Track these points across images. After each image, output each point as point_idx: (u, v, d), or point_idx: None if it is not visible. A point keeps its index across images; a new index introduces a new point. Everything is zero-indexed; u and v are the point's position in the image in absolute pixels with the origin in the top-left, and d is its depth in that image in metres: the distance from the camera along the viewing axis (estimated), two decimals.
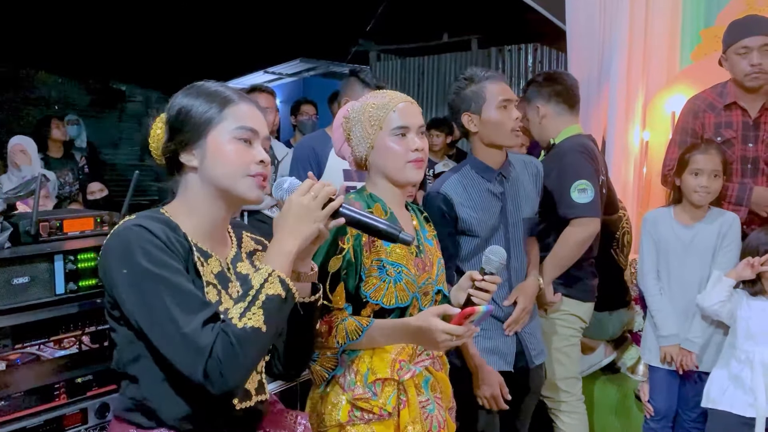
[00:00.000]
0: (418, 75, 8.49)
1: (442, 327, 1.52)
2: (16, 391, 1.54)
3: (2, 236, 1.53)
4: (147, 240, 1.20)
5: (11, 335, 1.48)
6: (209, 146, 1.30)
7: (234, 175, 1.30)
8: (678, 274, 2.71)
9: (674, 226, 2.72)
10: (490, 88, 2.22)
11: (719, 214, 2.71)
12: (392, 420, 1.63)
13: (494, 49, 7.69)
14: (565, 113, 2.70)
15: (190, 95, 1.34)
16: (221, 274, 1.33)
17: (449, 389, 1.81)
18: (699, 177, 2.61)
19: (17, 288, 1.46)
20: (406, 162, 1.68)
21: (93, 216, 1.74)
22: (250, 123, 1.33)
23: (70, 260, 1.55)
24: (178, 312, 1.16)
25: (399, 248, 1.68)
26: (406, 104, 1.71)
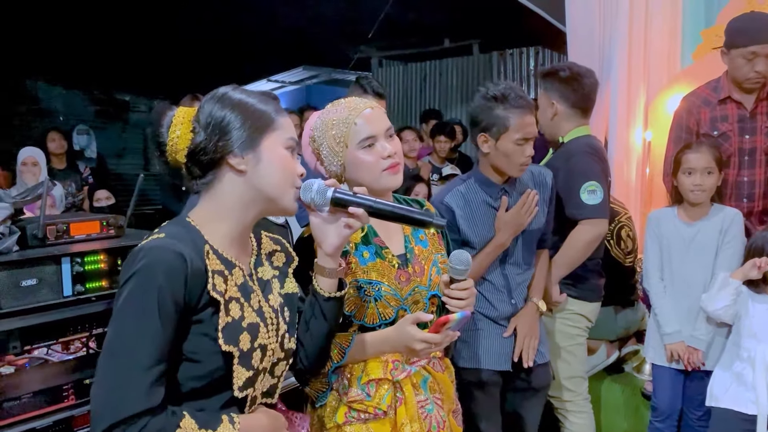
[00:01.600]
0: (420, 80, 8.54)
1: (419, 336, 1.53)
2: (26, 392, 1.56)
3: (10, 240, 1.55)
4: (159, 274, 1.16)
5: (20, 337, 1.49)
6: (264, 152, 1.29)
7: (284, 185, 1.31)
8: (682, 272, 2.70)
9: (677, 225, 2.74)
10: (515, 121, 2.16)
11: (720, 210, 2.71)
12: (388, 418, 1.63)
13: (495, 53, 7.73)
14: (578, 117, 2.67)
15: (238, 100, 1.31)
16: (244, 285, 1.31)
17: (451, 391, 1.80)
18: (692, 176, 2.64)
19: (25, 290, 1.48)
20: (381, 171, 1.64)
21: (99, 219, 1.76)
22: (294, 135, 1.35)
23: (77, 263, 1.57)
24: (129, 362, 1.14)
25: (376, 265, 1.66)
26: (366, 112, 1.65)
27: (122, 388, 1.13)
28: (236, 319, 1.25)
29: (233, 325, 1.24)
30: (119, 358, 1.15)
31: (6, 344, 1.47)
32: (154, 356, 1.14)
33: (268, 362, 1.33)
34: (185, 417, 1.17)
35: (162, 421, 1.15)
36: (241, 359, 1.24)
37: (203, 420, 1.19)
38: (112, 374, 1.14)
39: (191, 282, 1.19)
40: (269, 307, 1.35)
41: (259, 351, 1.28)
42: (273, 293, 1.39)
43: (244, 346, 1.25)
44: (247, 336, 1.26)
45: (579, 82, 2.65)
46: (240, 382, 1.24)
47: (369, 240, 1.69)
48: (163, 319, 1.15)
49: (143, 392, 1.13)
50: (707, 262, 2.66)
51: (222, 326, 1.22)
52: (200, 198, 1.33)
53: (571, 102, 2.64)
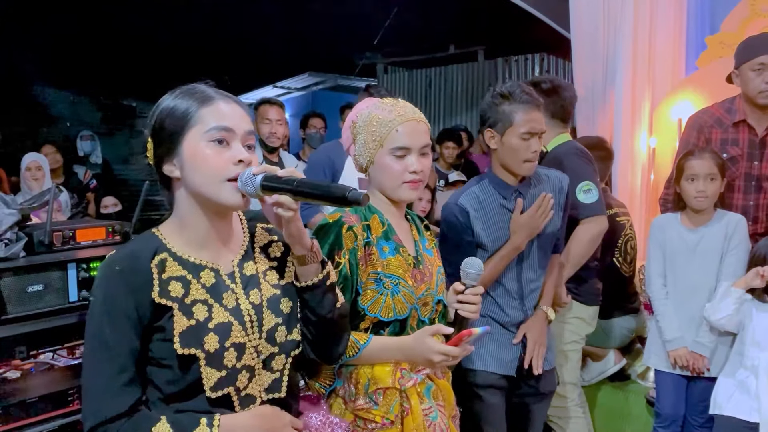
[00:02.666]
0: (425, 86, 8.56)
1: (437, 348, 1.53)
2: (32, 396, 1.57)
3: (17, 246, 1.57)
4: (102, 292, 1.24)
5: (26, 342, 1.50)
6: (185, 153, 1.24)
7: (212, 182, 1.24)
8: (685, 278, 2.68)
9: (680, 231, 2.72)
10: (520, 116, 2.19)
11: (724, 215, 2.70)
12: (395, 428, 1.62)
13: (501, 60, 7.74)
14: (558, 126, 2.78)
15: (164, 101, 1.29)
16: (215, 286, 1.30)
17: (452, 397, 1.80)
18: (695, 182, 2.63)
19: (32, 295, 1.50)
20: (402, 182, 1.66)
21: (105, 226, 1.78)
22: (224, 122, 1.25)
23: (83, 268, 1.59)
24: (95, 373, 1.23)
25: (396, 260, 1.67)
26: (410, 123, 1.67)
27: (93, 396, 1.23)
28: (201, 321, 1.25)
29: (196, 328, 1.25)
30: (88, 369, 1.24)
31: (13, 349, 1.49)
32: (117, 365, 1.22)
33: (252, 360, 1.31)
34: (161, 421, 1.22)
35: (135, 426, 1.22)
36: (208, 360, 1.24)
37: (180, 424, 1.22)
38: (85, 383, 1.24)
39: (135, 294, 1.23)
40: (249, 303, 1.32)
41: (233, 350, 1.27)
42: (260, 288, 1.35)
43: (211, 348, 1.24)
44: (214, 337, 1.25)
45: (559, 94, 2.76)
46: (211, 383, 1.25)
47: (389, 236, 1.71)
48: (115, 331, 1.21)
49: (109, 400, 1.21)
50: (711, 268, 2.64)
51: (180, 330, 1.23)
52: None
53: (551, 112, 2.73)
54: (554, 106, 2.74)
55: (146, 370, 1.26)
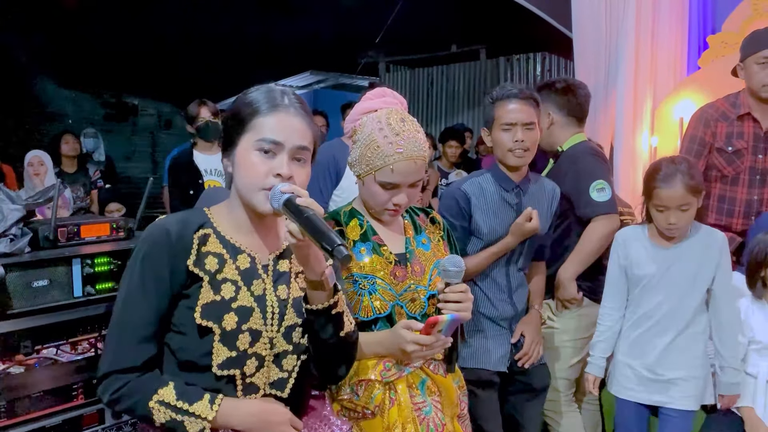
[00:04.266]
0: (427, 85, 8.56)
1: (409, 338, 1.55)
2: (36, 391, 1.58)
3: (22, 241, 1.58)
4: (146, 248, 1.30)
5: (31, 336, 1.51)
6: (237, 154, 1.34)
7: (251, 188, 1.32)
8: (653, 306, 2.30)
9: (649, 249, 2.31)
10: (500, 110, 2.28)
11: (706, 234, 2.31)
12: (379, 418, 1.65)
13: (502, 59, 7.75)
14: (574, 125, 2.79)
15: (237, 101, 1.38)
16: (249, 271, 1.36)
17: (453, 395, 1.79)
18: (665, 213, 2.21)
19: (37, 291, 1.51)
20: (384, 209, 1.71)
21: (109, 222, 1.79)
22: (275, 135, 1.31)
23: (88, 264, 1.60)
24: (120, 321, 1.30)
25: (372, 260, 1.70)
26: (407, 163, 1.65)
27: (112, 345, 1.29)
28: (225, 299, 1.31)
29: (219, 304, 1.31)
30: (115, 317, 1.30)
31: (18, 343, 1.50)
32: (138, 319, 1.28)
33: (265, 350, 1.34)
34: (168, 386, 1.28)
35: (144, 383, 1.28)
36: (222, 337, 1.29)
37: (185, 393, 1.28)
38: (110, 331, 1.31)
39: (175, 256, 1.29)
40: (275, 296, 1.37)
41: (248, 334, 1.31)
42: (289, 286, 1.40)
43: (228, 326, 1.30)
44: (233, 317, 1.31)
45: (574, 92, 2.78)
46: (219, 360, 1.29)
47: (367, 237, 1.74)
48: (146, 286, 1.28)
49: (127, 350, 1.27)
50: (688, 295, 2.27)
51: (203, 302, 1.30)
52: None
53: (566, 111, 2.77)
54: (569, 104, 2.77)
55: (165, 337, 1.31)
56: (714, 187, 3.03)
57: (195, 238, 1.32)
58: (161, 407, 1.26)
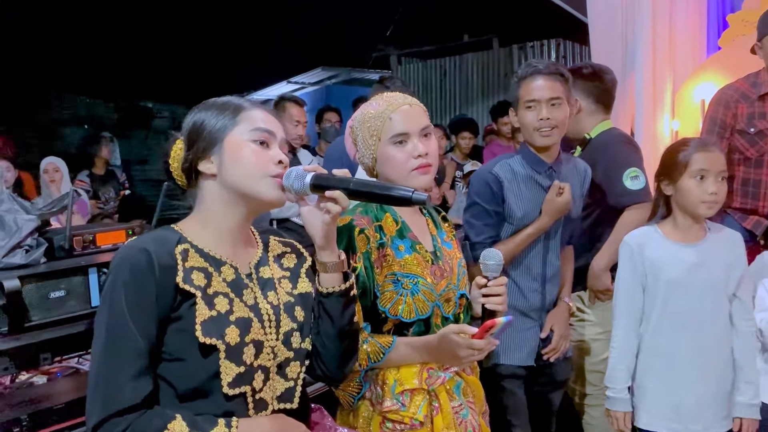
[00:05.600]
0: (440, 76, 8.50)
1: (463, 344, 1.49)
2: (58, 403, 1.57)
3: (38, 252, 1.56)
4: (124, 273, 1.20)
5: (50, 348, 1.49)
6: (226, 149, 1.29)
7: (254, 177, 1.28)
8: (690, 311, 2.04)
9: (671, 248, 2.07)
10: (522, 88, 2.21)
11: (726, 233, 2.14)
12: (425, 428, 1.59)
13: (516, 47, 7.66)
14: (601, 112, 2.73)
15: (203, 108, 1.34)
16: (236, 282, 1.31)
17: (481, 393, 1.77)
18: (705, 181, 1.99)
19: (54, 302, 1.49)
20: (410, 170, 1.61)
21: (125, 228, 1.77)
22: (265, 125, 1.31)
23: (104, 272, 1.57)
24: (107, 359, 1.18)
25: (412, 258, 1.64)
26: (403, 108, 1.63)
27: (102, 387, 1.16)
28: (222, 313, 1.24)
29: (217, 319, 1.23)
30: (98, 358, 1.18)
31: (37, 356, 1.48)
32: (128, 353, 1.17)
33: (269, 360, 1.29)
34: (176, 419, 1.17)
35: (148, 422, 1.16)
36: (228, 354, 1.22)
37: (196, 423, 1.19)
38: (93, 374, 1.18)
39: (159, 276, 1.20)
40: (267, 303, 1.33)
41: (252, 347, 1.26)
42: (276, 292, 1.36)
43: (232, 340, 1.23)
44: (235, 330, 1.24)
45: (601, 78, 2.71)
46: (229, 378, 1.22)
47: (404, 234, 1.67)
48: (133, 315, 1.17)
49: (122, 389, 1.15)
50: (724, 296, 2.07)
51: (202, 319, 1.21)
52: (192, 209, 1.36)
53: (594, 97, 2.70)
54: (597, 90, 2.70)
55: (158, 369, 1.22)
56: (737, 171, 2.95)
57: (177, 254, 1.24)
58: None
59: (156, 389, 1.21)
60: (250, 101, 1.36)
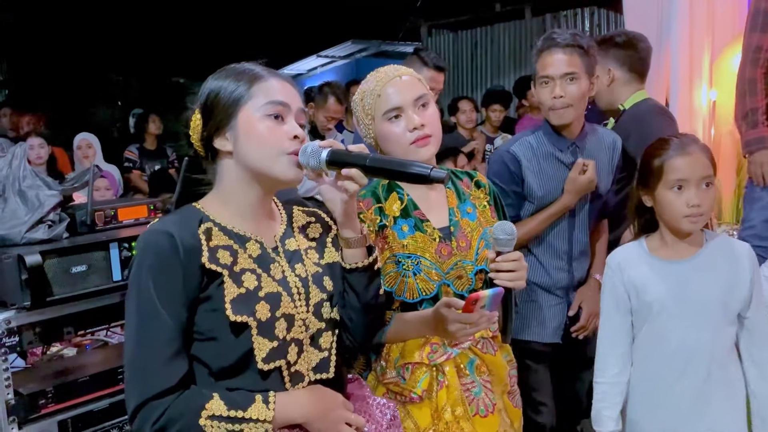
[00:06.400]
0: (471, 48, 8.34)
1: (452, 317, 1.46)
2: (83, 375, 1.60)
3: (60, 227, 1.58)
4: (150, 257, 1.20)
5: (73, 322, 1.52)
6: (240, 127, 1.26)
7: (269, 156, 1.25)
8: (674, 339, 1.75)
9: (657, 266, 1.79)
10: (538, 62, 2.13)
11: (728, 243, 1.82)
12: (427, 402, 1.58)
13: (549, 16, 7.45)
14: (635, 81, 2.64)
15: (217, 78, 1.30)
16: (262, 257, 1.30)
17: (503, 372, 1.71)
18: (685, 192, 1.70)
19: (76, 276, 1.50)
20: (408, 144, 1.57)
21: (146, 204, 1.78)
22: (280, 96, 1.27)
23: (125, 247, 1.58)
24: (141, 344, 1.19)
25: (415, 238, 1.60)
26: (393, 82, 1.59)
27: (139, 371, 1.18)
28: (251, 290, 1.24)
29: (247, 296, 1.23)
30: (132, 343, 1.20)
31: (60, 330, 1.50)
32: (161, 337, 1.18)
33: (301, 333, 1.29)
34: (213, 398, 1.19)
35: (187, 402, 1.18)
36: (260, 330, 1.22)
37: (234, 401, 1.20)
38: (129, 359, 1.20)
39: (185, 258, 1.20)
40: (295, 276, 1.32)
41: (283, 321, 1.25)
42: (304, 264, 1.35)
43: (263, 316, 1.23)
44: (265, 305, 1.24)
45: (635, 46, 2.62)
46: (263, 354, 1.22)
47: (408, 213, 1.64)
48: (162, 299, 1.18)
49: (158, 372, 1.17)
50: (723, 317, 1.74)
51: (231, 297, 1.21)
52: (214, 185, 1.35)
53: (628, 66, 2.61)
54: (631, 60, 2.61)
55: (191, 349, 1.23)
56: None
57: (200, 234, 1.24)
58: (213, 422, 1.17)
59: (191, 369, 1.22)
60: (265, 70, 1.31)
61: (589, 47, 2.12)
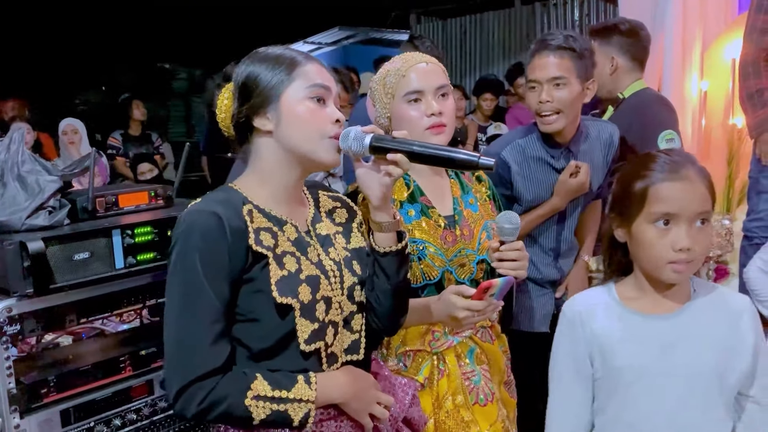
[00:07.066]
0: (460, 35, 8.33)
1: (461, 304, 1.48)
2: (85, 364, 1.57)
3: (61, 213, 1.55)
4: (195, 235, 1.20)
5: (75, 310, 1.49)
6: (283, 107, 1.28)
7: (312, 138, 1.28)
8: (651, 412, 1.33)
9: (628, 319, 1.38)
10: (530, 65, 2.10)
11: (724, 296, 1.40)
12: (429, 390, 1.59)
13: (538, 4, 7.45)
14: (637, 70, 2.67)
15: (257, 60, 1.31)
16: (299, 240, 1.32)
17: (501, 362, 1.75)
18: (673, 229, 1.29)
19: (78, 264, 1.48)
20: (423, 129, 1.59)
21: (147, 190, 1.75)
22: (321, 80, 1.30)
23: (128, 234, 1.56)
24: (186, 325, 1.20)
25: (421, 223, 1.61)
26: (420, 66, 1.61)
27: (183, 352, 1.19)
28: (292, 272, 1.26)
29: (289, 278, 1.25)
30: (176, 324, 1.21)
31: (63, 318, 1.48)
32: (207, 317, 1.19)
33: (337, 315, 1.32)
34: (257, 378, 1.21)
35: (231, 383, 1.20)
36: (303, 311, 1.25)
37: (278, 381, 1.22)
38: (173, 340, 1.21)
39: (231, 239, 1.20)
40: (330, 260, 1.34)
41: (322, 303, 1.28)
42: (335, 248, 1.38)
43: (305, 298, 1.25)
44: (306, 288, 1.26)
45: (637, 34, 2.65)
46: (305, 335, 1.25)
47: (415, 198, 1.65)
48: (209, 279, 1.19)
49: (204, 353, 1.19)
50: (708, 392, 1.33)
51: (276, 279, 1.23)
52: (247, 165, 1.35)
53: (631, 54, 2.63)
54: (635, 47, 2.63)
55: (232, 331, 1.25)
56: None
57: (245, 216, 1.25)
58: (259, 402, 1.19)
59: (233, 350, 1.24)
60: (303, 54, 1.33)
61: (584, 50, 2.05)
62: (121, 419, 1.57)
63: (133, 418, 1.58)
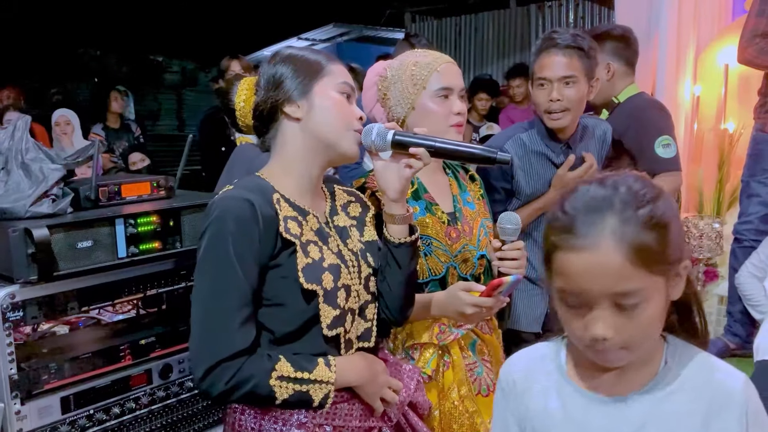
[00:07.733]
0: (454, 35, 8.36)
1: (470, 300, 1.52)
2: (85, 352, 1.58)
3: (64, 201, 1.55)
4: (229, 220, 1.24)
5: (78, 298, 1.50)
6: (316, 96, 1.34)
7: (339, 128, 1.34)
8: None
9: (572, 399, 1.02)
10: (537, 62, 2.11)
11: (703, 369, 0.98)
12: (435, 382, 1.62)
13: (533, 6, 7.50)
14: (630, 74, 2.71)
15: (291, 53, 1.38)
16: (320, 230, 1.37)
17: (499, 353, 1.78)
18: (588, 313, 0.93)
19: (82, 252, 1.48)
20: (449, 126, 1.63)
21: (149, 180, 1.76)
22: (348, 80, 1.38)
23: (131, 224, 1.56)
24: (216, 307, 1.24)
25: (426, 220, 1.64)
26: (449, 65, 1.66)
27: (212, 333, 1.23)
28: (316, 261, 1.31)
29: (314, 266, 1.30)
30: (206, 306, 1.25)
31: (65, 305, 1.49)
32: (237, 300, 1.24)
33: (355, 303, 1.37)
34: (281, 360, 1.26)
35: (257, 364, 1.24)
36: (326, 298, 1.29)
37: (299, 363, 1.27)
38: (201, 322, 1.25)
39: (263, 226, 1.25)
40: (348, 250, 1.39)
41: (343, 291, 1.33)
42: (351, 239, 1.43)
43: (328, 285, 1.30)
44: (329, 275, 1.31)
45: (628, 39, 2.68)
46: (328, 320, 1.30)
47: (419, 195, 1.68)
48: (240, 263, 1.23)
49: (233, 334, 1.23)
50: None
51: (302, 266, 1.28)
52: (270, 155, 1.40)
53: (625, 59, 2.67)
54: (627, 52, 2.66)
55: (258, 315, 1.29)
56: None
57: (275, 204, 1.30)
58: (282, 383, 1.25)
59: (257, 334, 1.28)
60: (328, 56, 1.40)
61: (590, 49, 2.09)
62: (120, 407, 1.57)
63: (132, 406, 1.60)
